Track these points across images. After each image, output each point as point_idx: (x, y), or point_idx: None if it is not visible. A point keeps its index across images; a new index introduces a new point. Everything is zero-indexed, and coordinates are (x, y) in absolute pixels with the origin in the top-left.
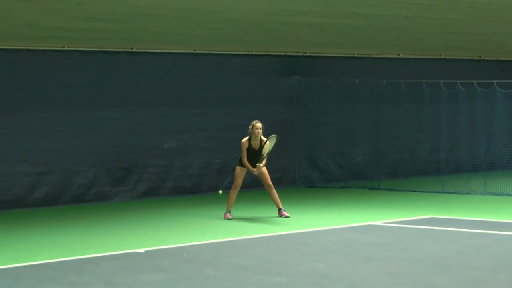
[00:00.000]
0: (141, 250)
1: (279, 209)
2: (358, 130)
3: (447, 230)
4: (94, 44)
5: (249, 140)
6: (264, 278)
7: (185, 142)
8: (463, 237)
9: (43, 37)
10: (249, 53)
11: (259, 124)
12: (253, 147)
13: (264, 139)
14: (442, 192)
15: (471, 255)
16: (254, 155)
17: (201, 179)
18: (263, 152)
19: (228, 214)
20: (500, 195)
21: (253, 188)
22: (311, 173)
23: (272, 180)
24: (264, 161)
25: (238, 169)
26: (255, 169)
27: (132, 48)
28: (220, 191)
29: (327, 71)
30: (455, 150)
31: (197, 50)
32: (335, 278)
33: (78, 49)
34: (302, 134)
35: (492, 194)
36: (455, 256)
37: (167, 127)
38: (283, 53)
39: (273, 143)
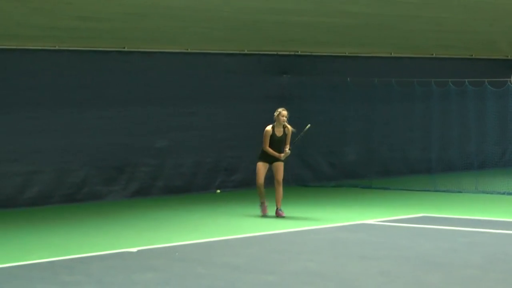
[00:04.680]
0: (133, 250)
1: (277, 209)
2: (349, 129)
3: (438, 228)
4: (84, 43)
5: (273, 127)
6: (256, 277)
7: (177, 141)
8: (454, 235)
9: (33, 36)
10: (240, 52)
11: (285, 112)
12: (277, 134)
13: (288, 126)
14: (434, 191)
15: (463, 253)
16: (277, 143)
17: (192, 178)
18: (301, 134)
19: (265, 208)
20: (492, 193)
21: (246, 186)
22: (303, 172)
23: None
24: (288, 148)
25: (259, 165)
26: (282, 154)
27: (123, 48)
28: (218, 190)
29: (319, 70)
30: (446, 149)
31: (188, 49)
32: (327, 276)
33: (68, 48)
34: (293, 133)
35: (483, 192)
36: (446, 254)
37: (158, 126)
38: (274, 52)
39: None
